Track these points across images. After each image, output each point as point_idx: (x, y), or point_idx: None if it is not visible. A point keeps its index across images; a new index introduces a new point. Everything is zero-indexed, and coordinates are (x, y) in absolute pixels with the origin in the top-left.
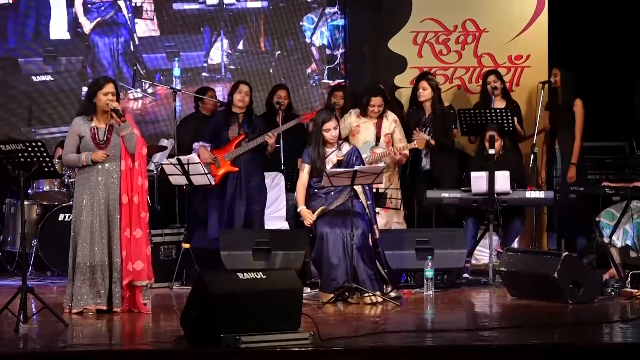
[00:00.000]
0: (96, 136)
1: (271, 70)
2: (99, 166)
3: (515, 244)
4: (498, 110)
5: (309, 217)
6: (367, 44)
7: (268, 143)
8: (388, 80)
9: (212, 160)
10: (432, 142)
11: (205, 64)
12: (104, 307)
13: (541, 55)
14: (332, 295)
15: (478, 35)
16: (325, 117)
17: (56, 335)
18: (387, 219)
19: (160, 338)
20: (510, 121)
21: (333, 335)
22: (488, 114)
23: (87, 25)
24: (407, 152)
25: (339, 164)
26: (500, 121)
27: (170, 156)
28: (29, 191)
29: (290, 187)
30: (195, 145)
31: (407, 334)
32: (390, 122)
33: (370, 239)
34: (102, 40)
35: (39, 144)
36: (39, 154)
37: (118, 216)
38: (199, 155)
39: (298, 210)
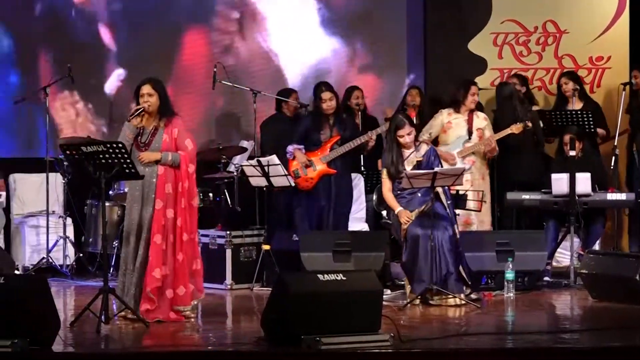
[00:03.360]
0: (139, 136)
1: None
2: (139, 168)
3: (596, 246)
4: (577, 112)
5: (407, 217)
6: (447, 45)
7: (368, 144)
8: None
9: (308, 163)
10: (529, 124)
11: None
12: (136, 315)
13: (622, 56)
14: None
15: (559, 37)
16: (398, 124)
17: (137, 336)
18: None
19: (240, 339)
20: (590, 123)
21: (413, 337)
22: (567, 116)
23: None
24: (495, 145)
25: (418, 165)
26: (580, 123)
27: (250, 158)
28: (110, 192)
29: (370, 189)
30: (290, 148)
31: (488, 336)
32: (482, 119)
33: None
34: None
35: (120, 145)
36: (119, 155)
37: (149, 221)
38: (294, 158)
39: (395, 212)
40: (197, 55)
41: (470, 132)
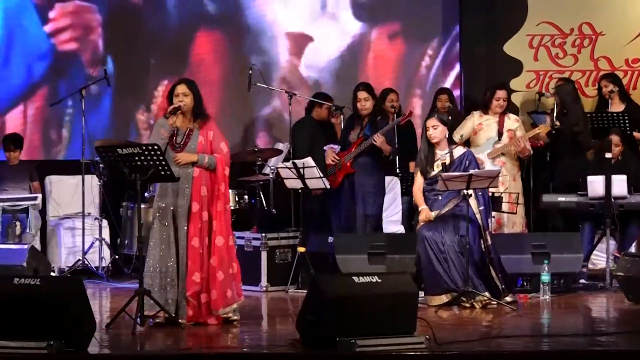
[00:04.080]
0: (174, 137)
1: None
2: (174, 169)
3: (632, 249)
4: (617, 114)
5: (425, 216)
6: (483, 47)
7: (381, 146)
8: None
9: (332, 162)
10: (557, 123)
11: None
12: (170, 316)
13: None
14: (443, 298)
15: (594, 39)
16: (428, 116)
17: (172, 338)
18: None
19: (275, 342)
20: (627, 125)
21: (449, 340)
22: (607, 118)
23: None
24: (528, 145)
25: (444, 167)
26: (620, 125)
27: (285, 160)
28: (146, 195)
29: (406, 191)
30: (326, 147)
31: (524, 339)
32: (513, 120)
33: (482, 245)
34: None
35: (156, 147)
36: (155, 158)
37: (186, 224)
38: (326, 156)
39: (419, 209)
40: (232, 57)
41: (500, 134)
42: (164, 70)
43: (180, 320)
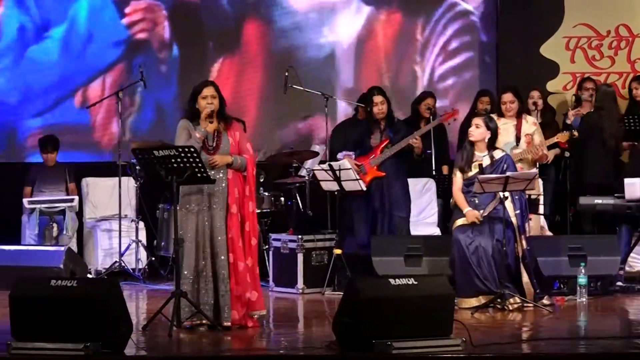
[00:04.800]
0: (206, 141)
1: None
2: (209, 172)
3: None
4: None
5: (475, 217)
6: (519, 49)
7: (413, 146)
8: (540, 86)
9: (358, 169)
10: (575, 133)
11: None
12: (208, 322)
13: None
14: (473, 301)
15: (631, 41)
16: (475, 115)
17: (209, 340)
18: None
19: (312, 344)
20: None
21: (485, 342)
22: (638, 120)
23: None
24: (546, 150)
25: (481, 169)
26: None
27: (321, 162)
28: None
29: (441, 193)
30: (340, 155)
31: (561, 341)
32: (530, 124)
33: (518, 248)
34: None
35: (192, 149)
36: (191, 160)
37: (224, 227)
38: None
39: (464, 212)
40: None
41: (518, 139)
42: (220, 52)
43: (225, 324)
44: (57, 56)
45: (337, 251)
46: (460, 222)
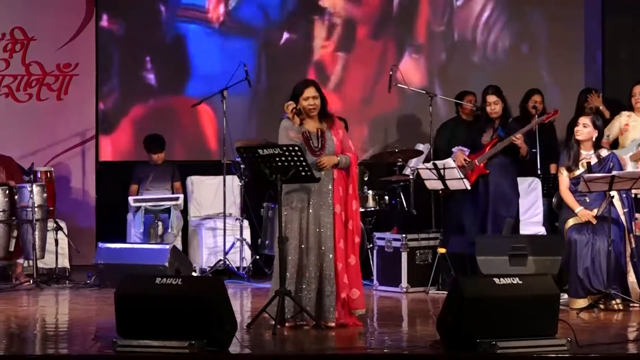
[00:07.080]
0: (310, 141)
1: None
2: (315, 172)
3: None
4: None
5: (589, 217)
6: (626, 47)
7: (517, 145)
8: None
9: (466, 164)
10: None
11: None
12: (310, 317)
13: None
14: (581, 302)
15: None
16: (583, 114)
17: (312, 339)
18: None
19: (416, 343)
20: None
21: (591, 342)
22: None
23: None
24: None
25: (589, 168)
26: None
27: (426, 160)
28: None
29: (547, 192)
30: (455, 148)
31: None
32: None
33: (627, 247)
34: None
35: (296, 148)
36: (295, 158)
37: (331, 226)
38: (455, 158)
39: (576, 211)
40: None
41: None
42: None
43: (329, 324)
44: None
45: (441, 250)
46: (572, 221)
